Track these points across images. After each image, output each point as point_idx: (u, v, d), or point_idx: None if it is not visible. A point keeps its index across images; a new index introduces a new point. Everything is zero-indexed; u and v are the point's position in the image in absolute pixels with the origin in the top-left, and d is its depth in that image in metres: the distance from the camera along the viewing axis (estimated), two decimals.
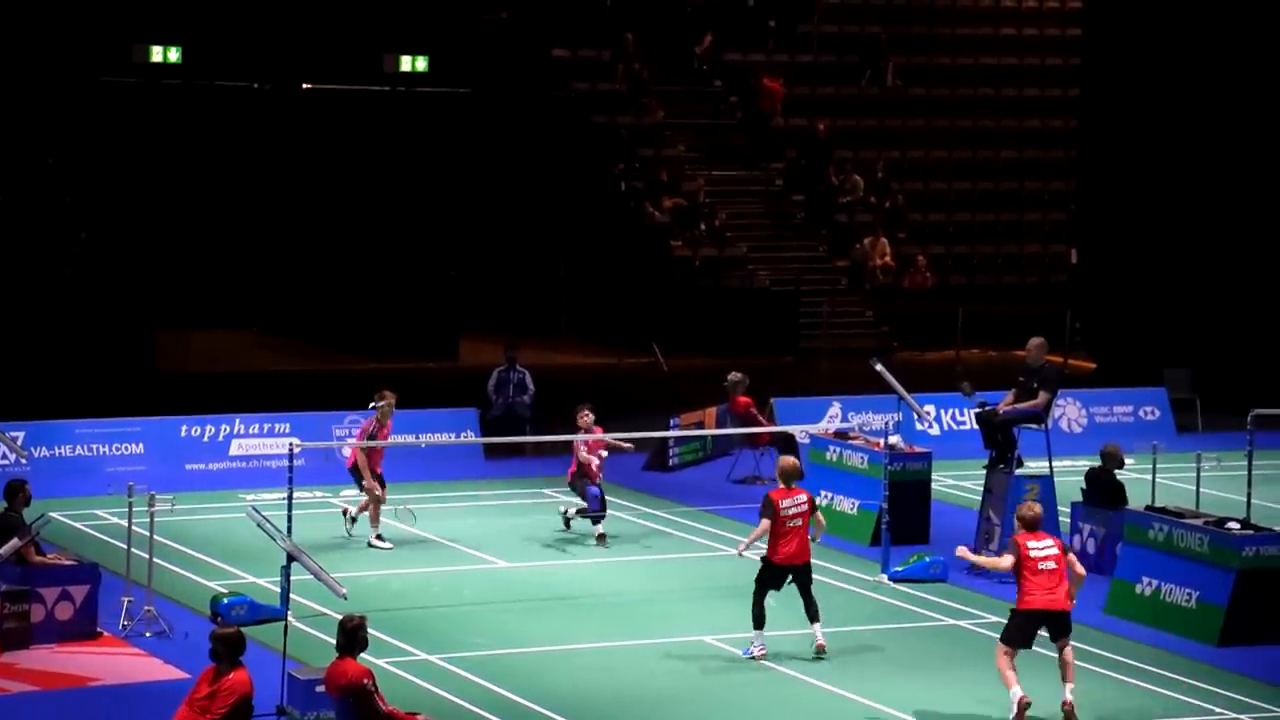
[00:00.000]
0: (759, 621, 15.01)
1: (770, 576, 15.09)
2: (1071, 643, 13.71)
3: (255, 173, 32.46)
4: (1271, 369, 26.24)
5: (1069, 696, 13.57)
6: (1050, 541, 13.74)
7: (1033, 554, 13.58)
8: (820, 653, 14.99)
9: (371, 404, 18.70)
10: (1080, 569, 13.83)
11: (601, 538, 18.76)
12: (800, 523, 15.00)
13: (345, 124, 32.58)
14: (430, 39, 32.85)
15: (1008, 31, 37.33)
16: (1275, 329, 27.57)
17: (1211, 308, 27.84)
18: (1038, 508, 14.09)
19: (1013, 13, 37.58)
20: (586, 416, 18.94)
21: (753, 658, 14.94)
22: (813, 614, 15.08)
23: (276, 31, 32.39)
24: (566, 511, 19.11)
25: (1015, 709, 13.45)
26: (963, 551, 14.38)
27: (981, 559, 14.93)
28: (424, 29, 33.01)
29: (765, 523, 15.02)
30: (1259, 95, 27.88)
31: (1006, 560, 13.77)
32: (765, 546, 15.20)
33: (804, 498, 15.11)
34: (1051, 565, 13.57)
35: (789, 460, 15.49)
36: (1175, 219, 28.70)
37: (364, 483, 18.36)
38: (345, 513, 18.83)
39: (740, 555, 15.26)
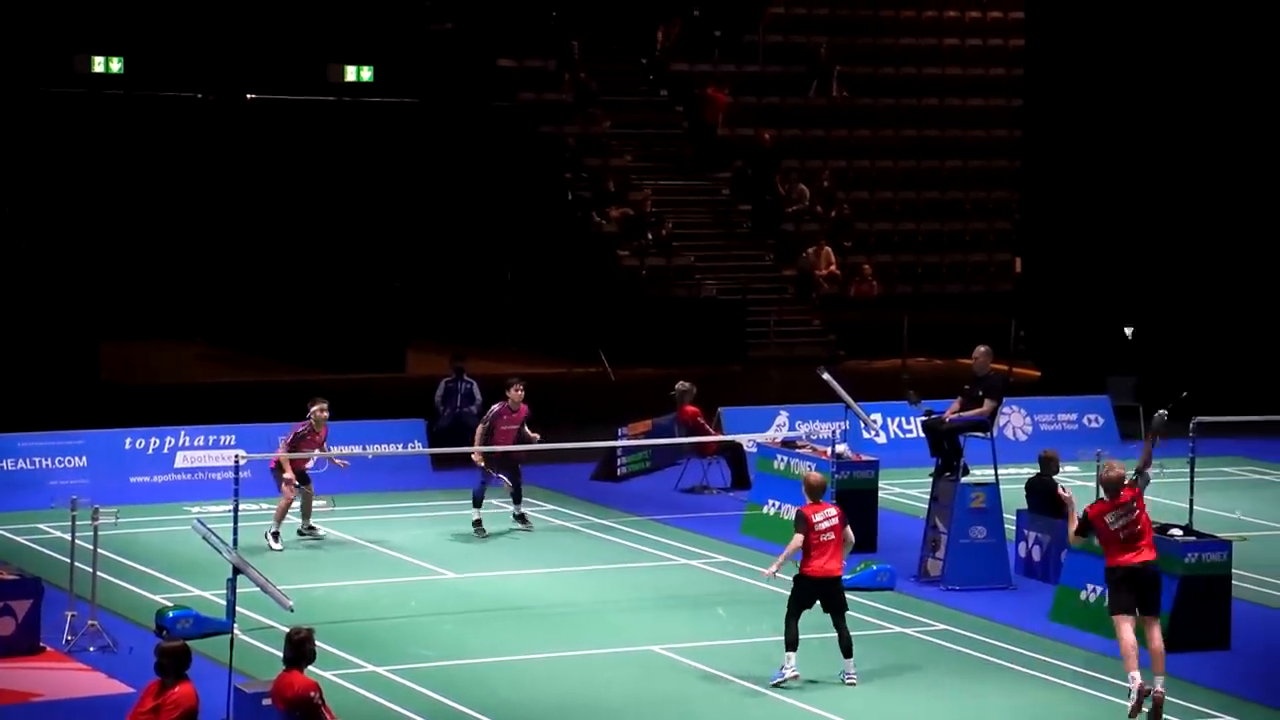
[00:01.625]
0: (792, 644, 14.60)
1: (803, 593, 14.75)
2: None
3: (200, 184, 32.31)
4: (1214, 377, 26.47)
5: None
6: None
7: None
8: (851, 684, 14.61)
9: (307, 413, 18.71)
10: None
11: (476, 524, 19.09)
12: (833, 536, 14.75)
13: (290, 134, 32.47)
14: (375, 49, 32.78)
15: (952, 43, 37.57)
16: (1218, 337, 27.82)
17: (1155, 316, 28.05)
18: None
19: (957, 24, 37.82)
20: (518, 390, 19.22)
21: (783, 680, 14.52)
22: (846, 648, 14.67)
23: (220, 42, 32.26)
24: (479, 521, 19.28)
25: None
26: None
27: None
28: (369, 39, 32.94)
29: (799, 538, 14.71)
30: (1202, 105, 28.13)
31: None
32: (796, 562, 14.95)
33: (834, 512, 14.90)
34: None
35: (816, 476, 15.35)
36: (1119, 228, 28.92)
37: (284, 476, 18.33)
38: (300, 534, 18.73)
39: (773, 576, 14.80)
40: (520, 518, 19.67)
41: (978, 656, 15.11)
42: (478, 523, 19.30)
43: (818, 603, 14.71)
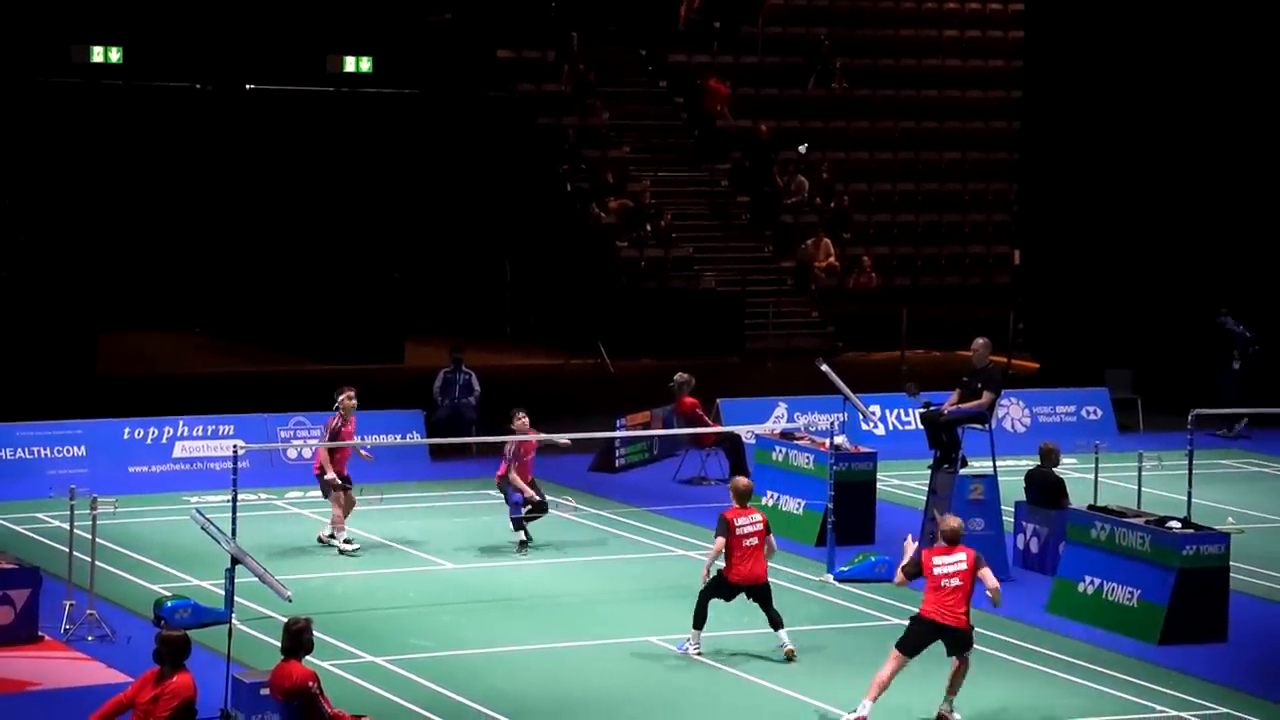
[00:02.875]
0: (699, 622, 15.00)
1: (722, 590, 15.02)
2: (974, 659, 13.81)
3: (198, 174, 32.28)
4: (1212, 370, 26.48)
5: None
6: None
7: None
8: (790, 657, 14.92)
9: (335, 404, 18.47)
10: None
11: (521, 545, 18.54)
12: (756, 542, 14.92)
13: (289, 125, 32.45)
14: (374, 40, 32.75)
15: (951, 34, 37.54)
16: (1216, 330, 27.81)
17: (1153, 309, 28.07)
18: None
19: (956, 15, 37.79)
20: (522, 420, 18.83)
21: (686, 654, 14.92)
22: (776, 623, 15.02)
23: (219, 32, 32.22)
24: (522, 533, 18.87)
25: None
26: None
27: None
28: (368, 30, 32.91)
29: (720, 541, 14.93)
30: (1200, 97, 28.13)
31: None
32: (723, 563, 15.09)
33: (759, 517, 15.05)
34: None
35: (743, 480, 15.46)
36: (1117, 221, 28.93)
37: (326, 478, 18.17)
38: (321, 540, 18.49)
39: (706, 577, 15.06)
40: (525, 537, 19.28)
41: (975, 648, 15.07)
42: (523, 543, 18.73)
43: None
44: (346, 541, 18.29)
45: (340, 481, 18.15)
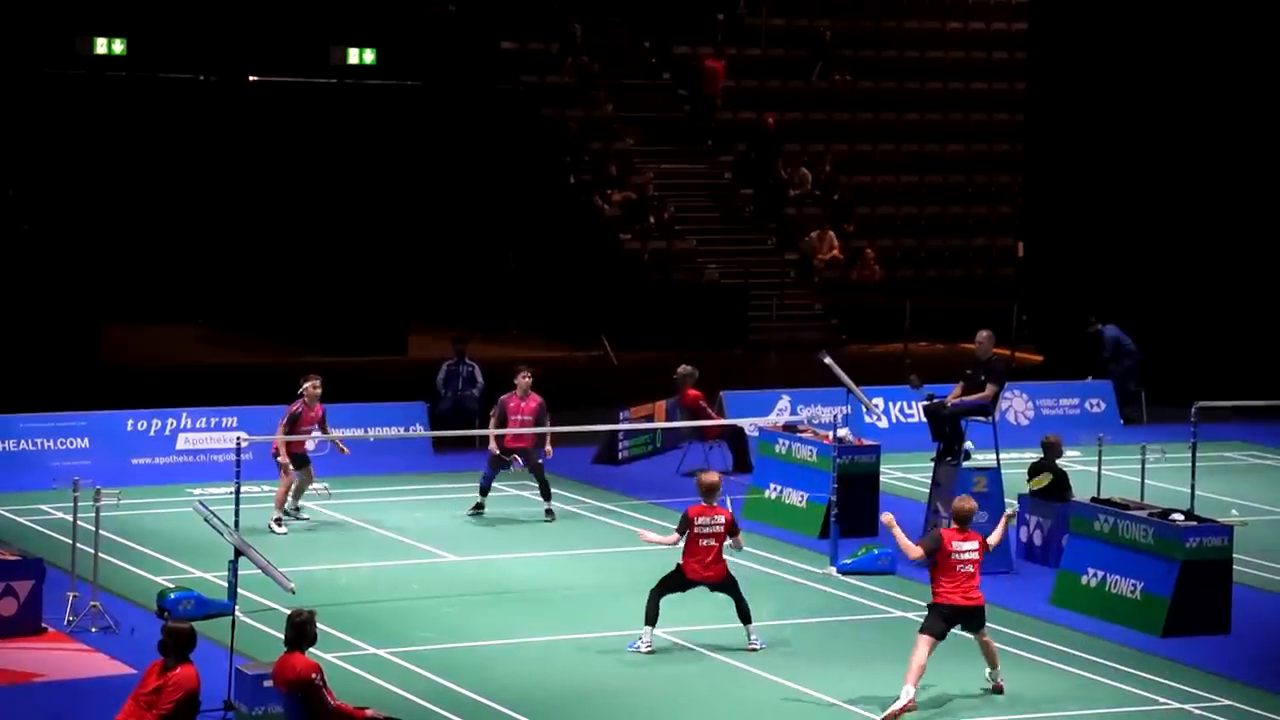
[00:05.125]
0: (651, 618, 14.87)
1: (675, 583, 15.01)
2: (989, 633, 13.99)
3: (201, 166, 32.27)
4: (1215, 362, 26.46)
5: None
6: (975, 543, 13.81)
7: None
8: (751, 652, 14.97)
9: (300, 390, 18.61)
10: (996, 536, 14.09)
11: (480, 508, 19.06)
12: (714, 542, 14.84)
13: (292, 117, 32.42)
14: (378, 31, 32.72)
15: (954, 26, 37.49)
16: (1219, 322, 27.81)
17: (1157, 301, 28.05)
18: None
19: (959, 7, 37.74)
20: (526, 377, 18.93)
21: (637, 649, 14.85)
22: (744, 616, 15.03)
23: (223, 23, 32.20)
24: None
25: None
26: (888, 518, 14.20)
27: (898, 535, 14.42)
28: (371, 21, 32.88)
29: (676, 536, 14.95)
30: (1204, 89, 28.09)
31: (917, 550, 13.82)
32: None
33: (723, 518, 14.95)
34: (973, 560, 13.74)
35: (710, 477, 15.30)
36: (1121, 213, 28.90)
37: (278, 459, 18.26)
38: (278, 522, 18.62)
39: (641, 538, 15.25)
40: (549, 513, 19.45)
41: (968, 638, 15.05)
42: (478, 506, 19.24)
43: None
44: (277, 521, 18.34)
45: (290, 464, 18.23)
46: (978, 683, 14.21)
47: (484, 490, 19.32)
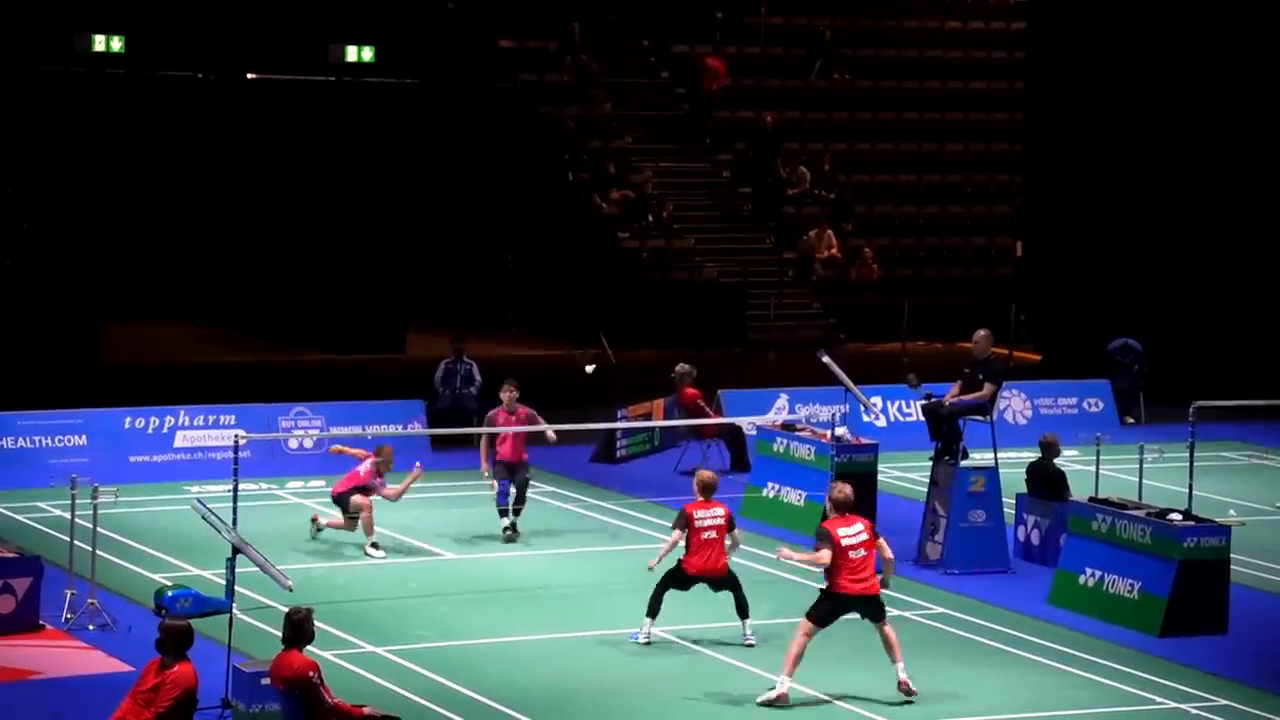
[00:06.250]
0: (653, 610, 14.98)
1: (678, 580, 15.06)
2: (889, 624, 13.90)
3: (199, 164, 32.26)
4: (1213, 362, 26.47)
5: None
6: (861, 526, 13.84)
7: (843, 540, 13.66)
8: (748, 647, 15.01)
9: (379, 456, 18.17)
10: (889, 553, 14.00)
11: (510, 529, 18.53)
12: (715, 535, 14.91)
13: (290, 114, 32.41)
14: (376, 29, 32.71)
15: (953, 25, 37.50)
16: (1217, 322, 27.81)
17: (1155, 300, 28.05)
18: (846, 489, 14.09)
19: (958, 6, 37.74)
20: (511, 391, 18.70)
21: (640, 644, 14.92)
22: (742, 612, 15.06)
23: (221, 21, 32.18)
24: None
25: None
26: (784, 553, 14.28)
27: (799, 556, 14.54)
28: (370, 19, 32.87)
29: (677, 534, 14.98)
30: (1204, 88, 28.09)
31: (824, 555, 13.70)
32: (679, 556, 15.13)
33: (721, 512, 15.03)
34: (862, 553, 13.70)
35: (707, 474, 15.43)
36: (1120, 212, 28.91)
37: (352, 500, 17.99)
38: (366, 550, 18.31)
39: (651, 569, 15.10)
40: (511, 527, 18.90)
41: (976, 640, 15.11)
42: (506, 529, 18.65)
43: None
44: (374, 544, 18.08)
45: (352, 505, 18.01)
46: (975, 683, 14.19)
47: (504, 512, 18.70)
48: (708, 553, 14.92)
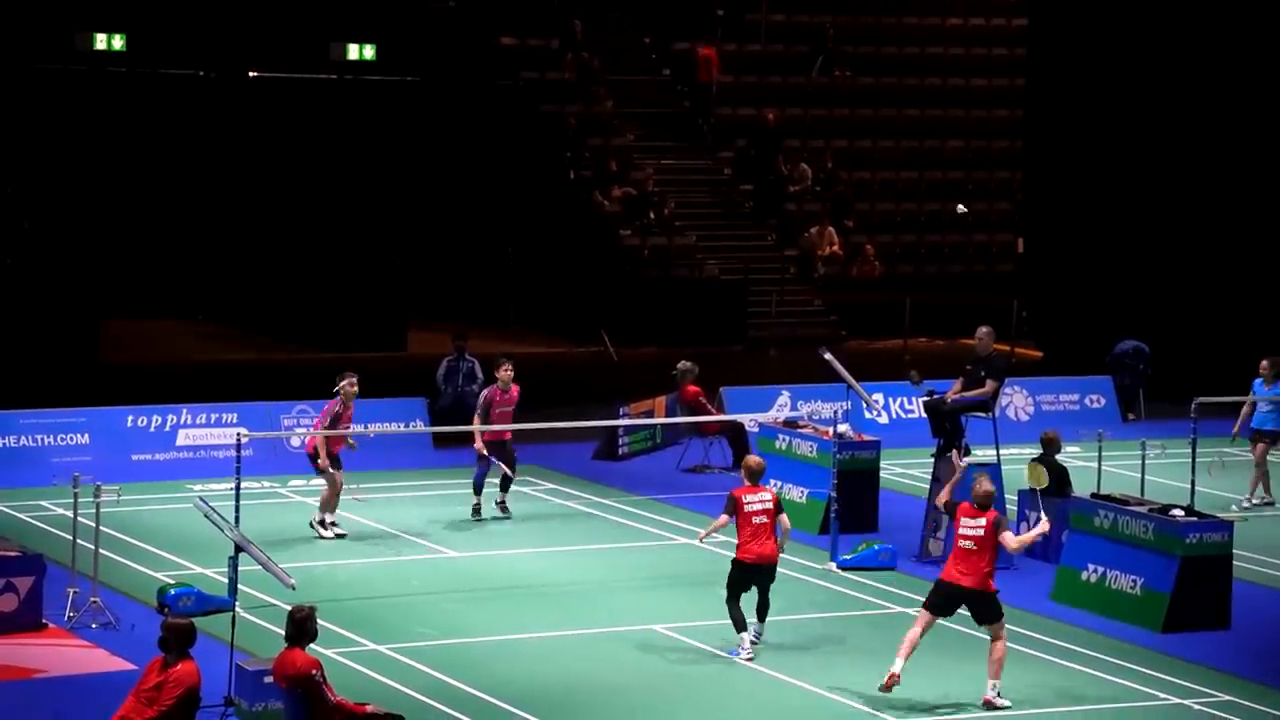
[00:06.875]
0: (739, 625, 14.85)
1: (740, 577, 14.94)
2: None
3: (201, 162, 32.27)
4: (1215, 358, 26.45)
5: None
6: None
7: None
8: (753, 644, 14.99)
9: (336, 389, 18.50)
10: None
11: (500, 504, 19.14)
12: (765, 520, 14.86)
13: (292, 112, 32.42)
14: (377, 27, 32.72)
15: (954, 22, 37.50)
16: (1219, 318, 27.81)
17: (1157, 297, 28.05)
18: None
19: (959, 3, 37.73)
20: (507, 369, 18.95)
21: (741, 657, 14.77)
22: (761, 612, 15.04)
23: (223, 19, 32.19)
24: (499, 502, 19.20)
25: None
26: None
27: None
28: (371, 17, 32.88)
29: (724, 517, 14.96)
30: (1204, 85, 28.08)
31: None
32: (734, 543, 15.11)
33: (769, 495, 15.04)
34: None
35: (754, 459, 15.47)
36: (1121, 209, 28.90)
37: (319, 462, 18.22)
38: (313, 524, 18.50)
39: (700, 542, 15.25)
40: (502, 504, 19.37)
41: (978, 636, 15.09)
42: (477, 508, 19.21)
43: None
44: (332, 524, 18.26)
45: (331, 467, 18.16)
46: (977, 679, 14.19)
47: (478, 489, 19.22)
48: (760, 537, 14.85)
